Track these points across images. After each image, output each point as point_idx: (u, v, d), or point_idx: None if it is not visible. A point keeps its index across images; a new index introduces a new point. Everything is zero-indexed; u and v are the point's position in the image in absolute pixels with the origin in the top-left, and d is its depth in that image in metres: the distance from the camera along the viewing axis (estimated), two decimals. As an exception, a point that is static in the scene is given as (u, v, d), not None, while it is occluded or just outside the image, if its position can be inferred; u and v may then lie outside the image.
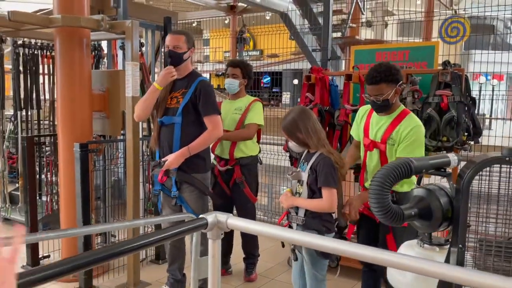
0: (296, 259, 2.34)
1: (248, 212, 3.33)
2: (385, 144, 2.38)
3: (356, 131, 2.65)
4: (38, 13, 3.98)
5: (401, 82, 2.36)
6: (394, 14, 6.71)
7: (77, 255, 1.25)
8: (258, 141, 3.51)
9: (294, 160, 3.45)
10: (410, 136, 2.30)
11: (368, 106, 2.53)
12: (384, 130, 2.40)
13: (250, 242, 3.49)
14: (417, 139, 2.33)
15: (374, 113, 2.46)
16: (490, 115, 6.74)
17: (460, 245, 1.15)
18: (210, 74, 10.97)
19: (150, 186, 3.69)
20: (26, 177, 3.49)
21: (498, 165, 1.22)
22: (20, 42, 4.06)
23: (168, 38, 2.78)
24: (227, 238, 3.50)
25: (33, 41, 4.04)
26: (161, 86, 2.74)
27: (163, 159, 2.76)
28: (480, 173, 1.22)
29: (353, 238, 2.94)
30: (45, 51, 4.10)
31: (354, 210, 2.36)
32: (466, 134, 2.95)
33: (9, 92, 5.80)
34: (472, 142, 3.02)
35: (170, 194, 2.83)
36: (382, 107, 2.36)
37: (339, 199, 2.29)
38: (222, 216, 1.59)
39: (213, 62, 9.78)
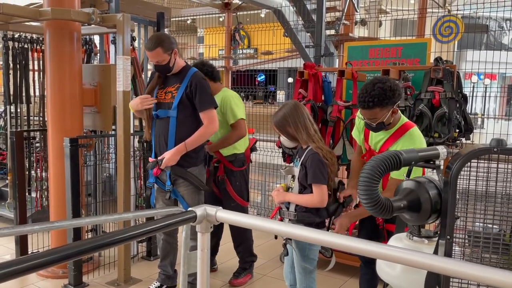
0: (287, 254, 2.32)
1: None
2: None
3: (357, 135, 2.53)
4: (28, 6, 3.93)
5: (398, 102, 2.15)
6: (388, 13, 6.72)
7: (65, 245, 1.23)
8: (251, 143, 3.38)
9: (287, 156, 3.44)
10: None
11: None
12: (382, 143, 2.30)
13: (240, 246, 3.37)
14: None
15: None
16: (483, 114, 6.78)
17: (448, 236, 1.15)
18: (204, 72, 10.88)
19: (142, 182, 3.66)
20: (15, 173, 3.45)
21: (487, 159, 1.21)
22: (10, 36, 4.01)
23: (147, 55, 2.72)
24: (214, 239, 3.40)
25: (23, 34, 3.99)
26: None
27: (159, 158, 2.74)
28: (469, 169, 1.21)
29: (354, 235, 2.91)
30: (35, 44, 4.05)
31: (342, 228, 2.27)
32: (457, 130, 2.96)
33: (0, 89, 5.73)
34: (463, 139, 3.03)
35: (165, 187, 2.81)
36: (377, 129, 2.21)
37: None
38: (211, 209, 1.57)
39: (208, 59, 9.74)
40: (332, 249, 2.29)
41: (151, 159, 2.85)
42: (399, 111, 2.23)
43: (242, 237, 3.35)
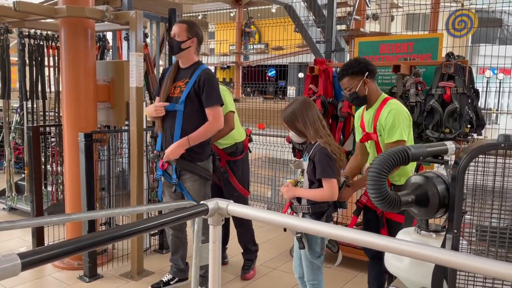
0: (303, 247, 2.32)
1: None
2: (376, 134, 2.45)
3: (357, 124, 2.66)
4: (43, 4, 4.01)
5: (368, 73, 2.40)
6: (400, 7, 6.66)
7: (80, 236, 1.27)
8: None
9: (297, 151, 3.46)
10: (387, 121, 2.36)
11: (363, 107, 2.60)
12: (372, 121, 2.48)
13: (244, 235, 3.41)
14: (394, 121, 2.34)
15: (366, 110, 2.54)
16: (497, 109, 6.70)
17: (455, 231, 1.17)
18: (215, 67, 10.97)
19: (154, 176, 3.72)
20: (31, 167, 3.54)
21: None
22: (26, 33, 4.10)
23: (173, 27, 2.85)
24: (223, 230, 3.45)
25: (38, 31, 4.08)
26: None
27: (164, 152, 2.79)
28: (477, 164, 1.22)
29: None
30: (50, 41, 4.13)
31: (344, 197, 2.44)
32: (469, 126, 2.94)
33: (15, 84, 5.87)
34: (475, 134, 3.02)
35: (171, 180, 2.86)
36: (354, 100, 2.49)
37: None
38: (223, 203, 1.61)
39: (219, 55, 9.78)
40: (338, 244, 2.31)
41: (156, 152, 2.91)
42: (375, 85, 2.48)
43: (245, 226, 3.40)
